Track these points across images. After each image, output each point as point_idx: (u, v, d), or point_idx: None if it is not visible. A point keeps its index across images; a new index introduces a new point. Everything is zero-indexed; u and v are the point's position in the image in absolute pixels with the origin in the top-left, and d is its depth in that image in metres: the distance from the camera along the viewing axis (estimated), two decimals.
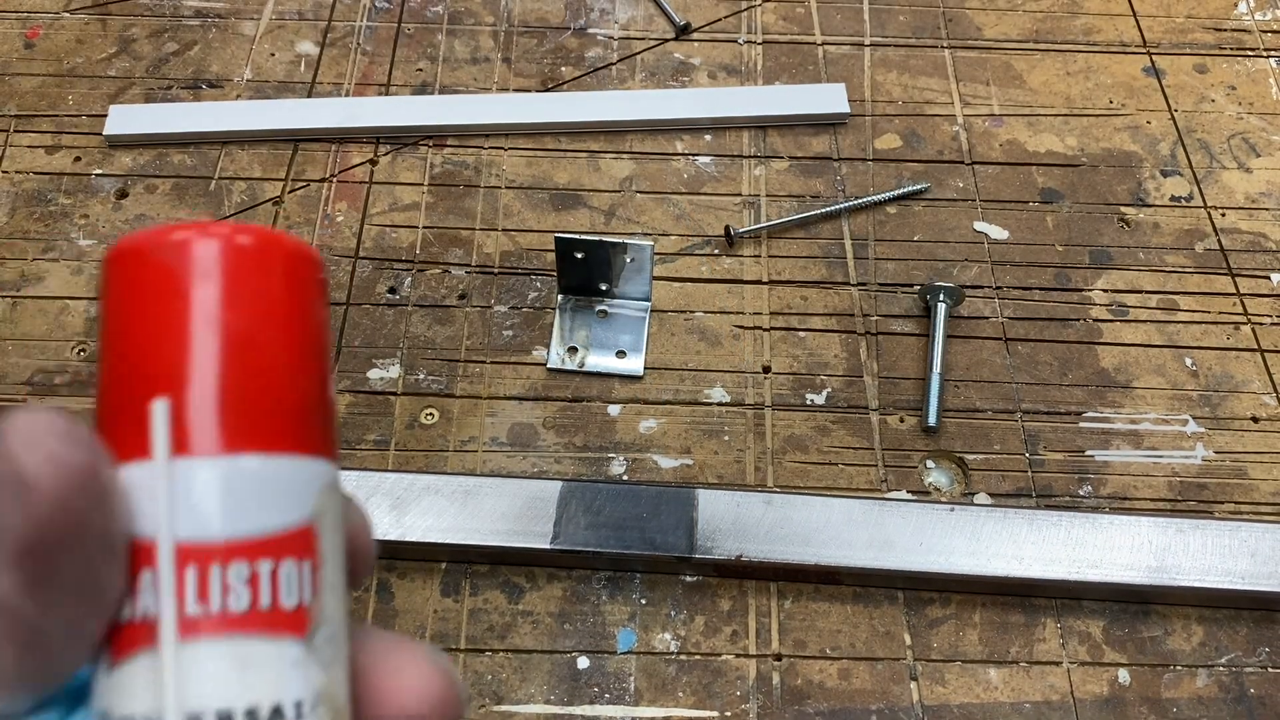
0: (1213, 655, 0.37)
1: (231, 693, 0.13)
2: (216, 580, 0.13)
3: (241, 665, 0.13)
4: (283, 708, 0.14)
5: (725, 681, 0.36)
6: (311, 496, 0.15)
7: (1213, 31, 0.56)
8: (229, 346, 0.14)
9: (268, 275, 0.15)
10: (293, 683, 0.14)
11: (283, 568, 0.14)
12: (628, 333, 0.44)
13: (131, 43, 0.53)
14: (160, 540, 0.13)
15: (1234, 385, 0.43)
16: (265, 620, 0.14)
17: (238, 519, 0.14)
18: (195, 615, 0.13)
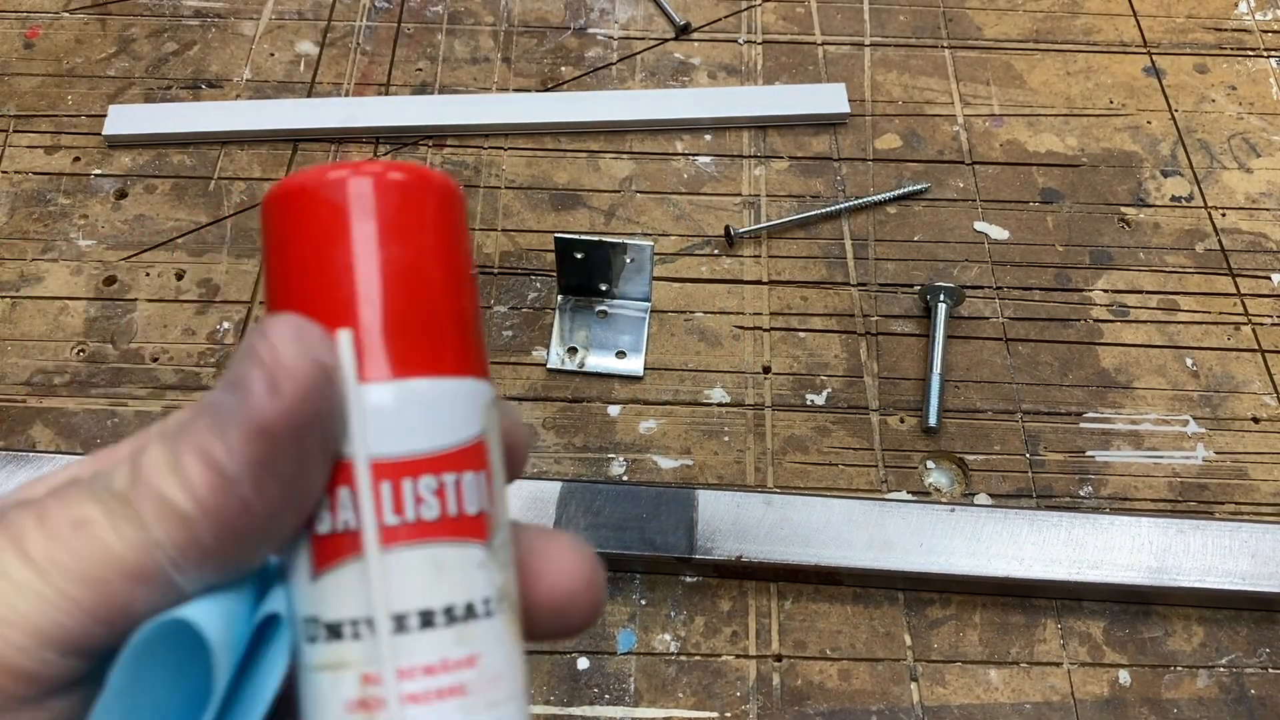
0: (1213, 656, 0.37)
1: (431, 593, 0.15)
2: (410, 493, 0.15)
3: (437, 568, 0.15)
4: (474, 605, 0.15)
5: (725, 682, 0.36)
6: (479, 413, 0.16)
7: (1213, 31, 0.55)
8: (396, 278, 0.15)
9: (422, 209, 0.16)
10: (479, 582, 0.15)
11: (464, 479, 0.15)
12: (628, 333, 0.44)
13: (131, 43, 0.53)
14: (357, 459, 0.15)
15: (1234, 386, 0.43)
16: (453, 527, 0.15)
17: (425, 436, 0.15)
18: (393, 525, 0.15)
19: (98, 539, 0.14)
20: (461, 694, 0.15)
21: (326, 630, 0.15)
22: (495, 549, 0.16)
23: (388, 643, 0.14)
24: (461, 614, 0.15)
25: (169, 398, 0.42)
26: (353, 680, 0.14)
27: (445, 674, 0.15)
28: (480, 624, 0.15)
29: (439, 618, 0.15)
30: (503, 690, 0.15)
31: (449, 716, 0.15)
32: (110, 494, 0.14)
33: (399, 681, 0.14)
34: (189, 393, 0.42)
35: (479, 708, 0.15)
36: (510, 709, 0.15)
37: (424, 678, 0.14)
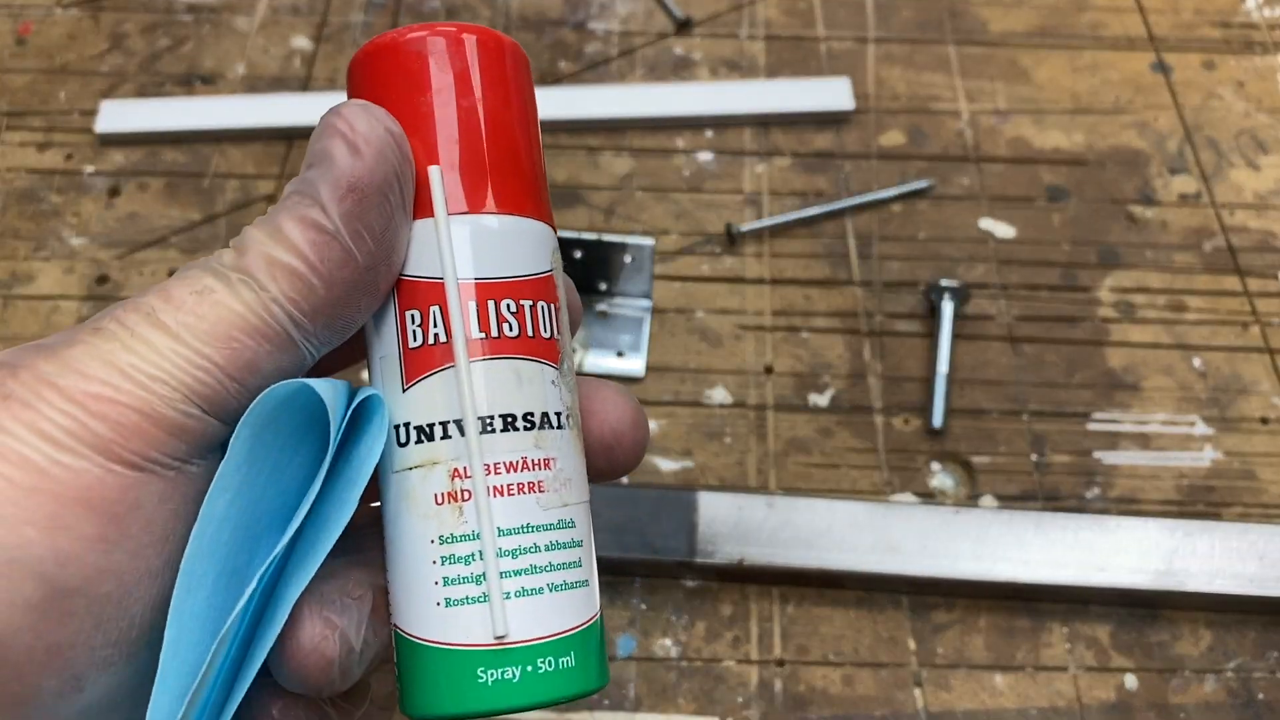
0: (1221, 660, 0.36)
1: (513, 399, 0.16)
2: (493, 312, 0.17)
3: (518, 379, 0.17)
4: (549, 414, 0.17)
5: (727, 688, 0.35)
6: (550, 252, 0.18)
7: (1220, 28, 0.55)
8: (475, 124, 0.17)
9: (495, 64, 0.17)
10: (553, 397, 0.17)
11: (539, 306, 0.17)
12: (627, 333, 0.43)
13: (124, 38, 0.52)
14: (448, 279, 0.16)
15: (1243, 386, 0.43)
16: (531, 347, 0.17)
17: (506, 265, 0.17)
18: (479, 339, 0.16)
19: (220, 303, 0.16)
20: (539, 490, 0.16)
21: (418, 432, 0.16)
22: (564, 373, 0.17)
23: (476, 439, 0.16)
24: (539, 421, 0.17)
25: None
26: (443, 475, 0.16)
27: (525, 471, 0.16)
28: (554, 432, 0.17)
29: (520, 422, 0.16)
30: (573, 493, 0.17)
31: (528, 508, 0.16)
32: (223, 267, 0.16)
33: (486, 475, 0.16)
34: None
35: (553, 504, 0.17)
36: (579, 510, 0.17)
37: (507, 473, 0.16)
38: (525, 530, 0.16)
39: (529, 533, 0.16)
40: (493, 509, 0.16)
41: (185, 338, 0.15)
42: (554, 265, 0.18)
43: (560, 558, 0.16)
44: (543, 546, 0.16)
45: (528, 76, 0.18)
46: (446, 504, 0.16)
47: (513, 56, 0.18)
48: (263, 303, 0.16)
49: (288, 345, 0.16)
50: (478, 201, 0.17)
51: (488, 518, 0.16)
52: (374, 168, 0.16)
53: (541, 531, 0.16)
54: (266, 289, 0.16)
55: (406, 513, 0.16)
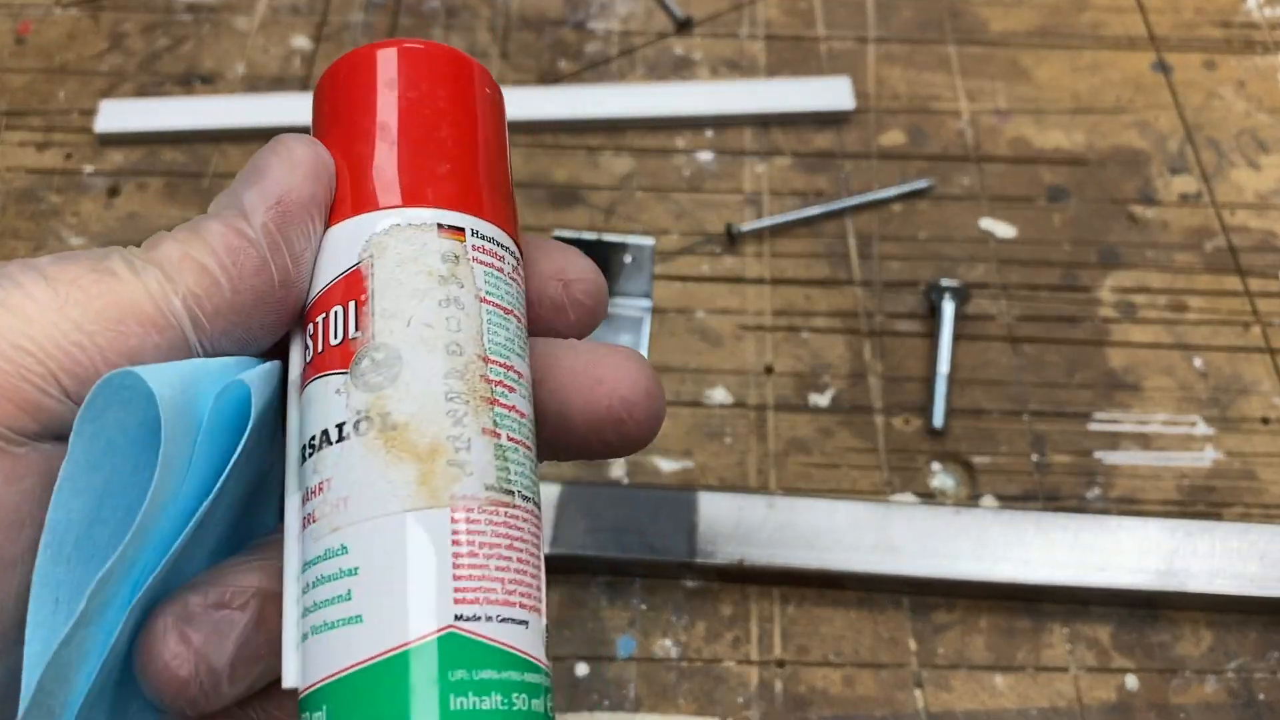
0: (1222, 660, 0.36)
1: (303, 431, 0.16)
2: (298, 345, 0.17)
3: (308, 405, 0.16)
4: (327, 431, 0.15)
5: (727, 688, 0.35)
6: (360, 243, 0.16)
7: (1221, 27, 0.55)
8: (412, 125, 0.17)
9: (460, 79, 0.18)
10: (335, 409, 0.15)
11: (332, 314, 0.16)
12: (627, 333, 0.43)
13: (123, 38, 0.52)
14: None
15: (1244, 386, 0.43)
16: (319, 363, 0.16)
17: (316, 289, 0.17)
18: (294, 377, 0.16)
19: (119, 285, 0.15)
20: (311, 521, 0.15)
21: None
22: (361, 371, 0.15)
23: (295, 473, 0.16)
24: (318, 443, 0.15)
25: None
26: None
27: (305, 503, 0.15)
28: (330, 449, 0.15)
29: (306, 450, 0.15)
30: (347, 513, 0.14)
31: (305, 543, 0.15)
32: (132, 254, 0.15)
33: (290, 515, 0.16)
34: None
35: (322, 532, 0.15)
36: (353, 532, 0.14)
37: (301, 505, 0.15)
38: (304, 569, 0.15)
39: (304, 571, 0.15)
40: (289, 552, 0.15)
41: (70, 311, 0.14)
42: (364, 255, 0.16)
43: (324, 594, 0.14)
44: (310, 584, 0.15)
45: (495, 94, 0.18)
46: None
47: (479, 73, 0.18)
48: (164, 292, 0.15)
49: (179, 343, 0.15)
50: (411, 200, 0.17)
51: (291, 561, 0.15)
52: (303, 184, 0.16)
53: (309, 568, 0.15)
54: (171, 280, 0.15)
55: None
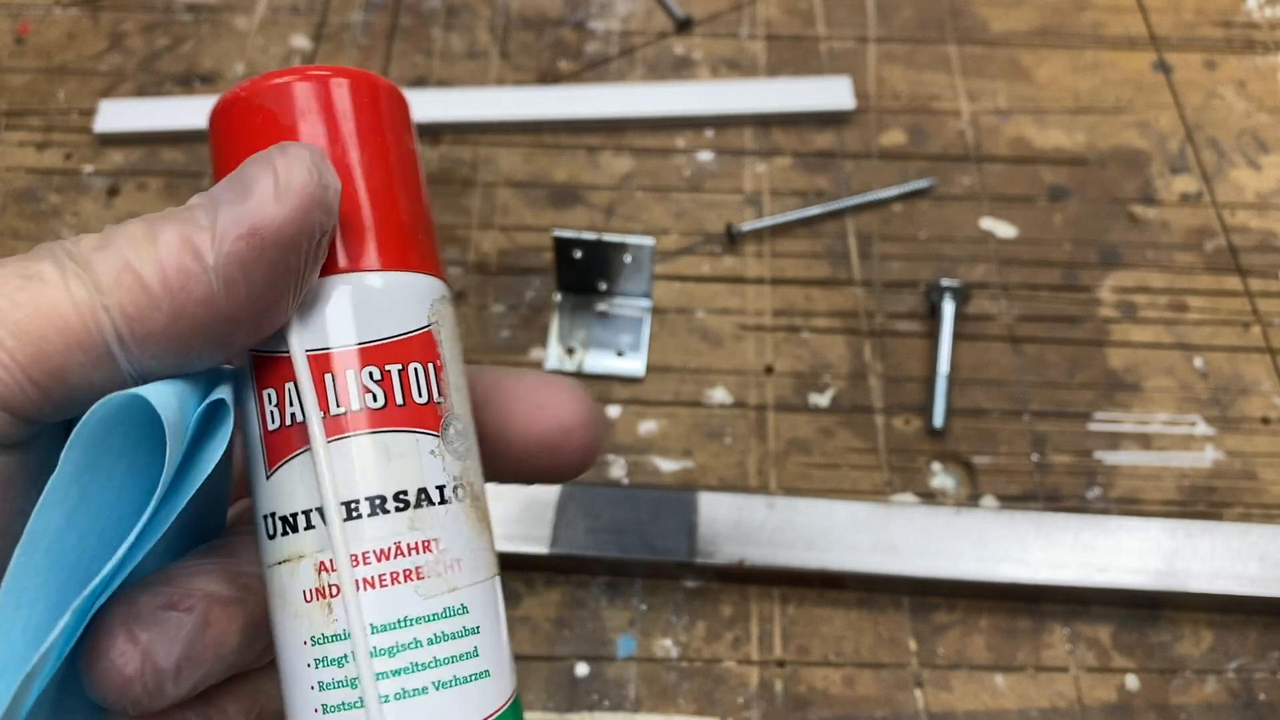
0: (1222, 661, 0.36)
1: (380, 480, 0.15)
2: (354, 382, 0.15)
3: (385, 455, 0.15)
4: (427, 490, 0.15)
5: (727, 688, 0.35)
6: (427, 306, 0.16)
7: (1222, 27, 0.55)
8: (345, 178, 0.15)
9: (370, 112, 0.16)
10: (431, 469, 0.15)
11: (410, 369, 0.15)
12: (627, 332, 0.43)
13: (123, 38, 0.52)
14: (294, 350, 0.15)
15: (1244, 386, 0.43)
16: (402, 416, 0.15)
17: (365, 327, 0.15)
18: (338, 414, 0.15)
19: (45, 294, 0.14)
20: (418, 577, 0.15)
21: (283, 524, 0.15)
22: (450, 439, 0.16)
23: (339, 527, 0.15)
24: (414, 499, 0.15)
25: None
26: (309, 569, 0.15)
27: (400, 558, 0.15)
28: (435, 509, 0.15)
29: (390, 503, 0.15)
30: (464, 575, 0.15)
31: (405, 599, 0.15)
32: (70, 256, 0.14)
33: (353, 567, 0.15)
34: None
35: (437, 590, 0.15)
36: (473, 593, 0.15)
37: (377, 563, 0.15)
38: (403, 625, 0.15)
39: (407, 627, 0.15)
40: (362, 604, 0.15)
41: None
42: (432, 319, 0.16)
43: (448, 650, 0.15)
44: (425, 641, 0.15)
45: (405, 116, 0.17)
46: (315, 601, 0.15)
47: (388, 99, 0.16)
48: (92, 308, 0.14)
49: (104, 361, 0.14)
50: (343, 260, 0.15)
51: (357, 615, 0.14)
52: (286, 222, 0.14)
53: (423, 624, 0.15)
54: (103, 294, 0.14)
55: (280, 611, 0.15)
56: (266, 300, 0.14)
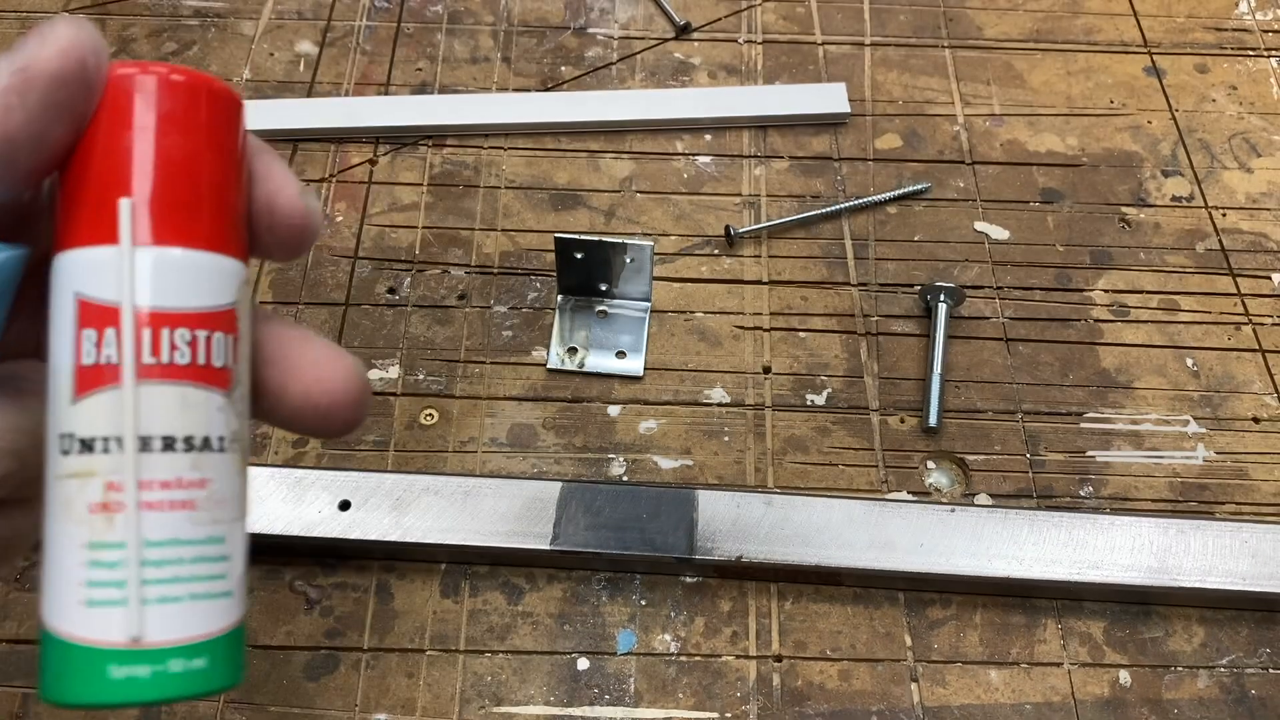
0: (1214, 656, 0.37)
1: (174, 422, 0.18)
2: (166, 340, 0.18)
3: (182, 403, 0.18)
4: (210, 439, 0.18)
5: (725, 683, 0.36)
6: (235, 287, 0.19)
7: (1214, 31, 0.55)
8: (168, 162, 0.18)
9: (198, 106, 0.18)
10: (217, 422, 0.18)
11: (215, 337, 0.18)
12: (628, 333, 0.44)
13: (130, 42, 0.53)
14: (124, 305, 0.17)
15: (1235, 386, 0.43)
16: (200, 374, 0.18)
17: (186, 295, 0.18)
18: (149, 363, 0.18)
19: None
20: (191, 508, 0.18)
21: (80, 444, 0.18)
22: (234, 400, 0.19)
23: (133, 456, 0.17)
24: (199, 444, 0.18)
25: None
26: (98, 487, 0.17)
27: (179, 490, 0.18)
28: (214, 456, 0.18)
29: (179, 444, 0.18)
30: (226, 512, 0.19)
31: (179, 523, 0.18)
32: None
33: (139, 491, 0.17)
34: None
35: (204, 521, 0.18)
36: (232, 527, 0.19)
37: (160, 490, 0.17)
38: (173, 543, 0.18)
39: (176, 545, 0.18)
40: (142, 522, 0.17)
41: None
42: (237, 299, 0.19)
43: (204, 570, 0.18)
44: (188, 559, 0.18)
45: (234, 115, 0.19)
46: (100, 513, 0.17)
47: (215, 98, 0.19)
48: None
49: None
50: (163, 234, 0.18)
51: (134, 530, 0.17)
52: (49, 58, 0.17)
53: (189, 545, 0.18)
54: None
55: (62, 517, 0.18)
56: (39, 125, 0.17)
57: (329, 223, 0.47)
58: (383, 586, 0.37)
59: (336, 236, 0.47)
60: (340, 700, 0.35)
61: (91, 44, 0.17)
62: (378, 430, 0.41)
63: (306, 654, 0.36)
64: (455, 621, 0.37)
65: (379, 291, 0.45)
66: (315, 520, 0.37)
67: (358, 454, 0.40)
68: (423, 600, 0.37)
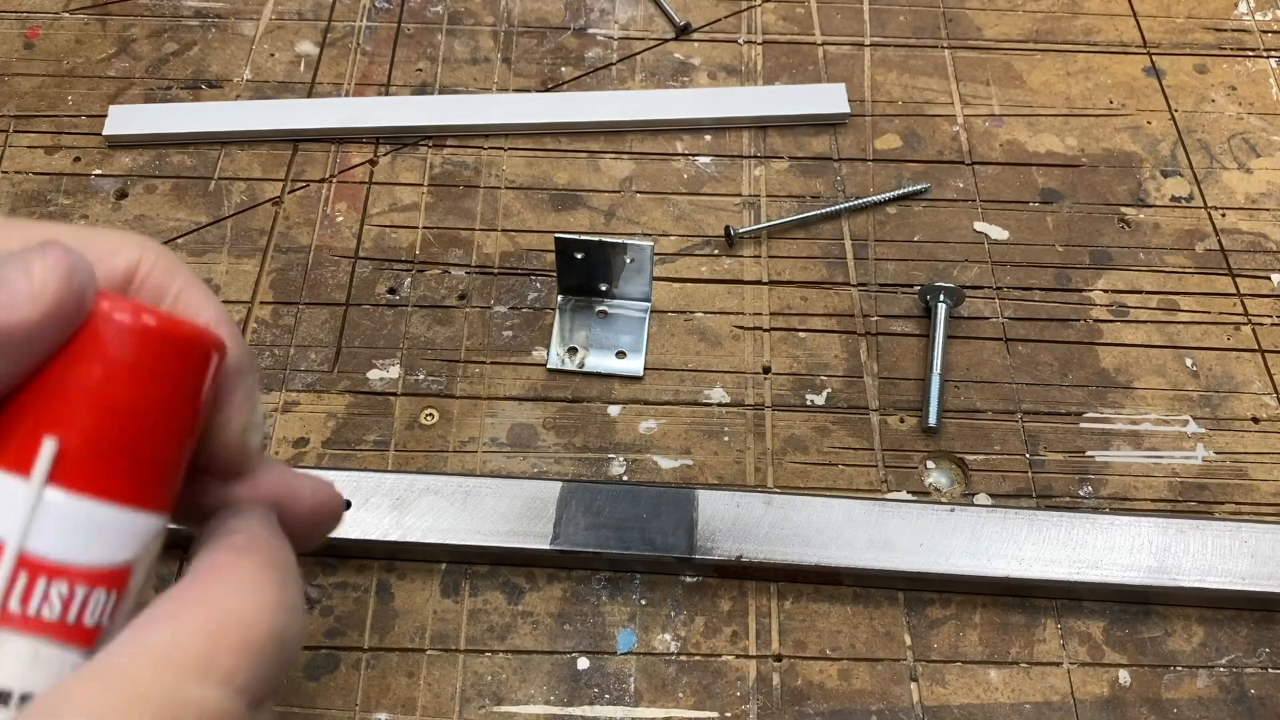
0: (1213, 656, 0.37)
1: (13, 677, 0.16)
2: (40, 590, 0.17)
3: (32, 660, 0.16)
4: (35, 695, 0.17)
5: (725, 682, 0.36)
6: (139, 544, 0.18)
7: (1213, 32, 0.56)
8: (113, 413, 0.17)
9: (161, 357, 0.17)
10: (59, 676, 0.17)
11: (94, 595, 0.17)
12: (628, 333, 0.44)
13: (131, 43, 0.53)
14: (8, 544, 0.16)
15: (1234, 386, 0.43)
16: (65, 631, 0.17)
17: (78, 549, 0.17)
18: (14, 612, 0.16)
19: None
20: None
21: None
22: (92, 652, 0.17)
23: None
24: (27, 699, 0.16)
25: None
26: None
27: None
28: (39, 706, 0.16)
29: (14, 699, 0.16)
30: None
31: None
32: None
33: None
34: None
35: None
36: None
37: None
38: None
39: None
40: None
41: None
42: (138, 556, 0.18)
43: None
44: None
45: (201, 365, 0.18)
46: None
47: (187, 347, 0.18)
48: None
49: None
50: (80, 481, 0.17)
51: None
52: (19, 324, 0.15)
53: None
54: None
55: None
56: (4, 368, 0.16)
57: (329, 223, 0.47)
58: (383, 586, 0.38)
59: (337, 237, 0.47)
60: (340, 700, 0.35)
61: (80, 288, 0.16)
62: (378, 430, 0.41)
63: (306, 653, 0.36)
64: (455, 621, 0.37)
65: (379, 291, 0.45)
66: None
67: (358, 454, 0.41)
68: (423, 600, 0.37)
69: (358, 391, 0.42)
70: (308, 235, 0.47)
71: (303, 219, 0.47)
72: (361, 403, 0.42)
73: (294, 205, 0.48)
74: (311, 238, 0.47)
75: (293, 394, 0.42)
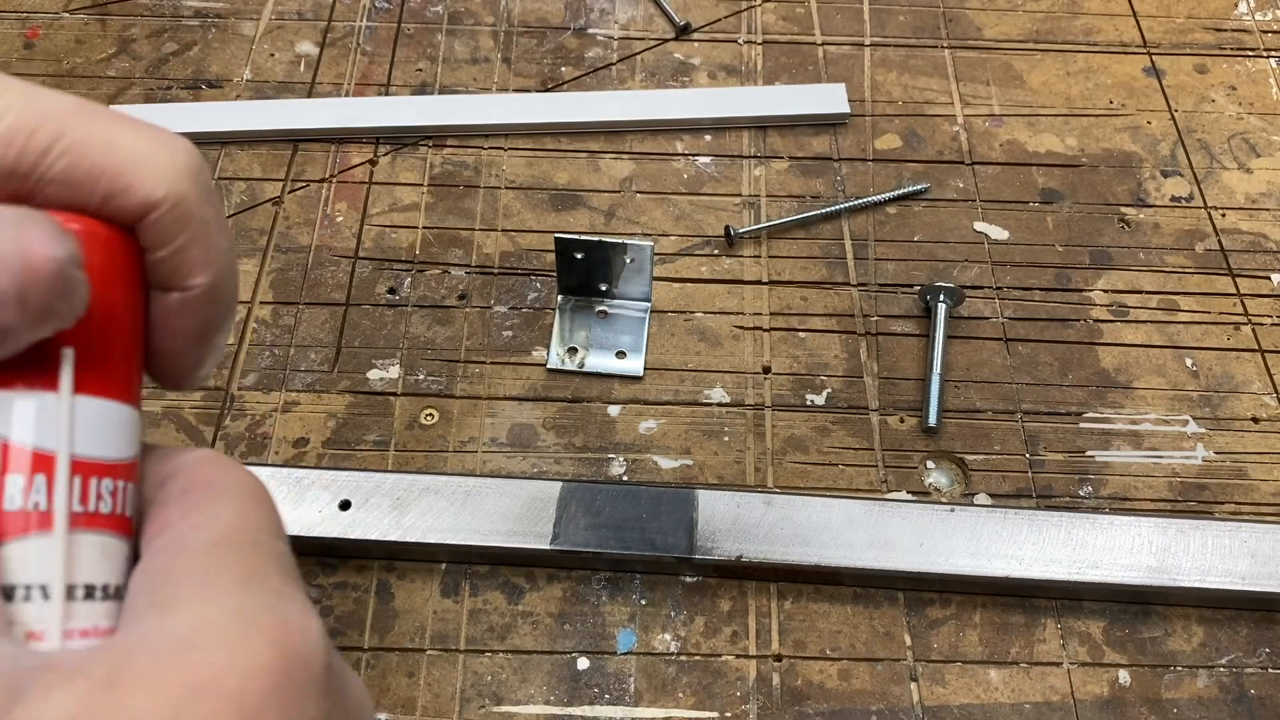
0: (1213, 656, 0.37)
1: (98, 572, 0.18)
2: (94, 489, 0.18)
3: (103, 553, 0.18)
4: (121, 587, 0.18)
5: (725, 682, 0.36)
6: (139, 438, 0.20)
7: (1213, 32, 0.56)
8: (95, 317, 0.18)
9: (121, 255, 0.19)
10: (124, 570, 0.19)
11: (129, 488, 0.19)
12: (628, 333, 0.44)
13: (131, 43, 0.53)
14: (60, 454, 0.18)
15: (1234, 386, 0.43)
16: (118, 523, 0.19)
17: (113, 447, 0.19)
18: (79, 512, 0.18)
19: None
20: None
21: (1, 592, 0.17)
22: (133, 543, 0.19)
23: (60, 605, 0.17)
24: (114, 592, 0.18)
25: (169, 398, 0.42)
26: (19, 635, 0.17)
27: (94, 639, 0.18)
28: (117, 604, 0.18)
29: (99, 593, 0.18)
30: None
31: None
32: None
33: (63, 640, 0.17)
34: (187, 393, 0.42)
35: None
36: None
37: (79, 639, 0.17)
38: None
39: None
40: None
41: None
42: (140, 449, 0.20)
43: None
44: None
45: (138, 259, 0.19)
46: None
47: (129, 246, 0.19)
48: None
49: None
50: (96, 386, 0.18)
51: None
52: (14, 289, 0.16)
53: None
54: None
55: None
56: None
57: (329, 223, 0.47)
58: (383, 586, 0.38)
59: (337, 237, 0.47)
60: None
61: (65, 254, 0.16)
62: (378, 430, 0.41)
63: None
64: (455, 621, 0.37)
65: (379, 292, 0.45)
66: (315, 520, 0.37)
67: (358, 454, 0.41)
68: (423, 600, 0.37)
69: (358, 391, 0.42)
70: (308, 235, 0.47)
71: (303, 219, 0.47)
72: (361, 403, 0.42)
73: (294, 205, 0.48)
74: (311, 238, 0.47)
75: (293, 394, 0.42)
